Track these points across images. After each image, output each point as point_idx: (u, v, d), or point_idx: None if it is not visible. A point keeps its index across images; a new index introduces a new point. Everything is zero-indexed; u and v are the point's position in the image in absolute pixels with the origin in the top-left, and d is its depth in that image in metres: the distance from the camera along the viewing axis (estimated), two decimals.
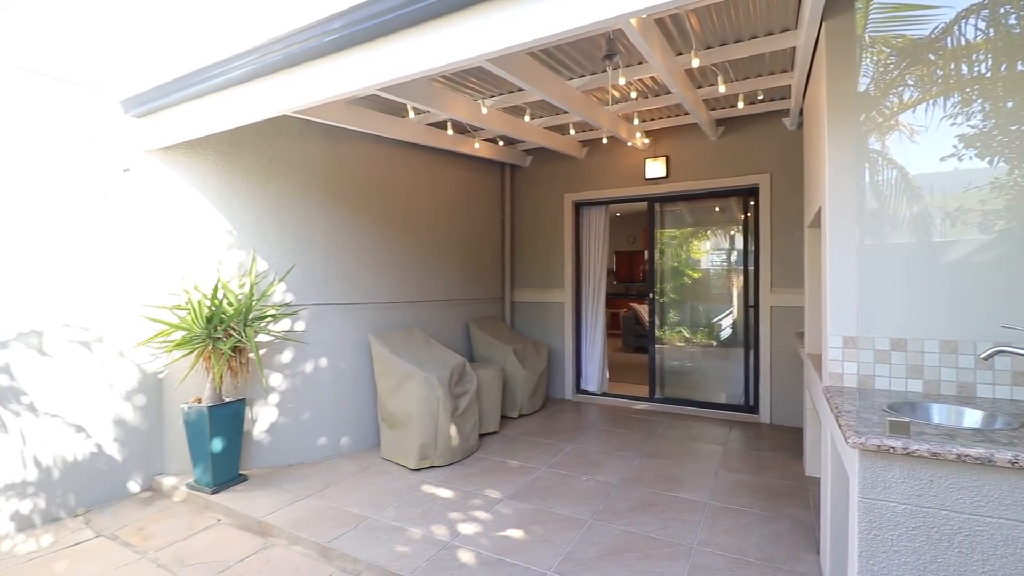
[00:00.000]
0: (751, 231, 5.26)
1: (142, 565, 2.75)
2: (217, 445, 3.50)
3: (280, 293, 4.01)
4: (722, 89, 3.85)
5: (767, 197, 4.98)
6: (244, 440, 3.79)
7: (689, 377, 5.93)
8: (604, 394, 6.04)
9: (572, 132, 5.16)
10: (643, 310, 8.29)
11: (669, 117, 5.04)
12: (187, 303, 3.52)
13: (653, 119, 5.10)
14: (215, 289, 3.55)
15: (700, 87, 4.16)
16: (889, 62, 2.25)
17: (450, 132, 4.71)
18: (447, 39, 2.33)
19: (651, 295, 5.82)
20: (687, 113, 4.74)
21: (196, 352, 3.52)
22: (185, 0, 3.82)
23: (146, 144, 3.69)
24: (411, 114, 4.22)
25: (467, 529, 2.97)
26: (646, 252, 5.92)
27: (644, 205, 5.84)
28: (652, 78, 3.95)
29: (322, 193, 4.29)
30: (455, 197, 5.67)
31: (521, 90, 3.99)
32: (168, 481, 3.69)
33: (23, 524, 3.13)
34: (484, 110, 4.11)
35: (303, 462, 4.07)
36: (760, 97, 4.46)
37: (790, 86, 4.05)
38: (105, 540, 3.02)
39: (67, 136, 3.41)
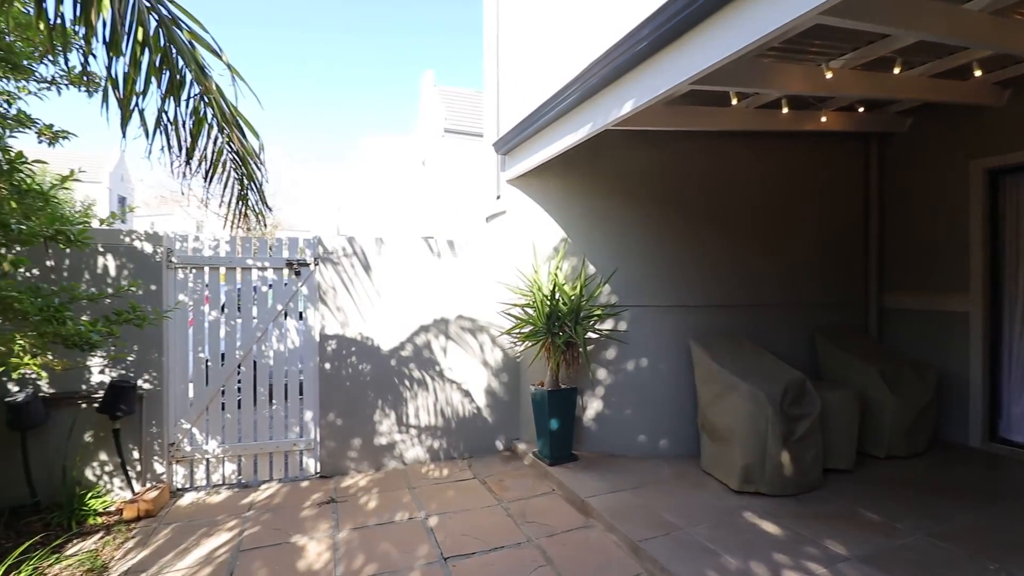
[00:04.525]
0: None
1: (497, 510, 3.46)
2: (554, 424, 4.07)
3: (605, 295, 4.34)
4: None
5: None
6: (576, 424, 4.28)
7: None
8: None
9: (977, 73, 3.65)
10: None
11: None
12: (533, 302, 4.23)
13: None
14: (552, 290, 4.13)
15: None
16: None
17: (785, 111, 4.07)
18: (758, 8, 2.04)
19: None
20: None
21: (539, 343, 4.18)
22: (522, 55, 4.61)
23: (508, 175, 4.62)
24: (734, 100, 3.86)
25: None
26: None
27: None
28: None
29: (641, 198, 4.42)
30: (794, 183, 4.87)
31: (885, 36, 3.09)
32: (521, 446, 4.52)
33: (433, 457, 4.42)
34: (829, 75, 3.38)
35: (624, 454, 4.28)
36: None
37: None
38: (477, 483, 3.95)
39: (464, 173, 4.63)
